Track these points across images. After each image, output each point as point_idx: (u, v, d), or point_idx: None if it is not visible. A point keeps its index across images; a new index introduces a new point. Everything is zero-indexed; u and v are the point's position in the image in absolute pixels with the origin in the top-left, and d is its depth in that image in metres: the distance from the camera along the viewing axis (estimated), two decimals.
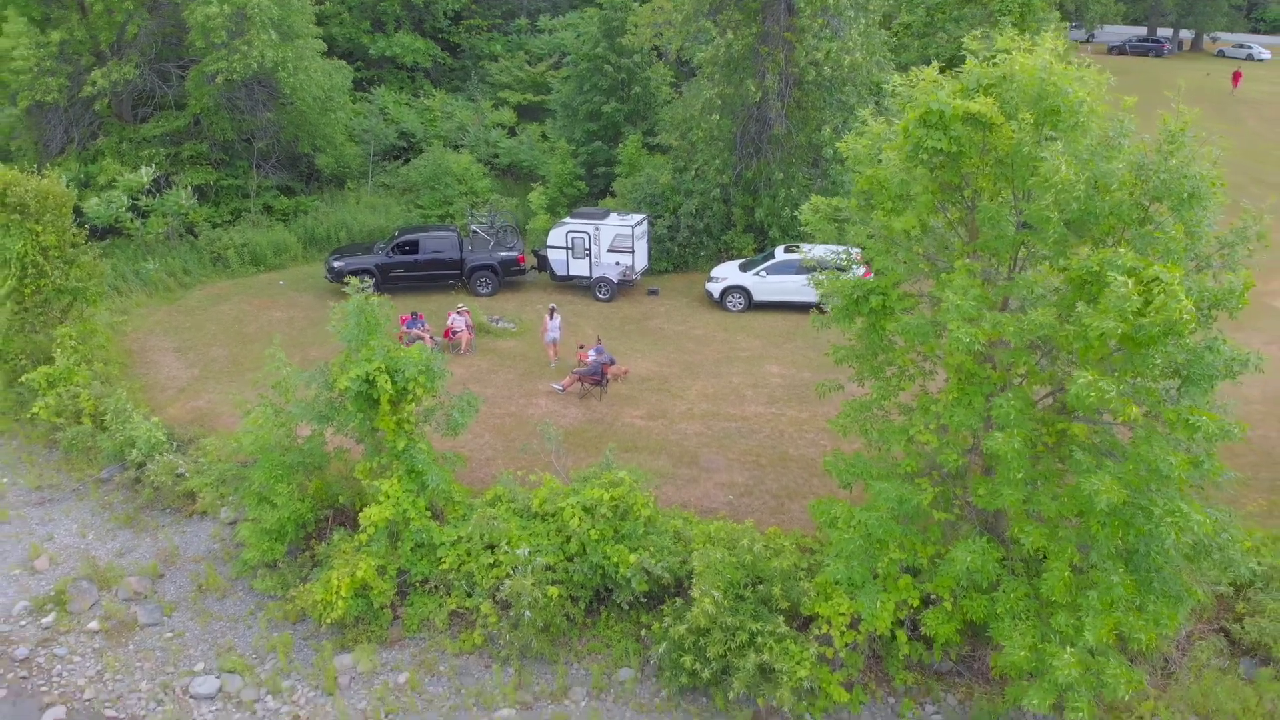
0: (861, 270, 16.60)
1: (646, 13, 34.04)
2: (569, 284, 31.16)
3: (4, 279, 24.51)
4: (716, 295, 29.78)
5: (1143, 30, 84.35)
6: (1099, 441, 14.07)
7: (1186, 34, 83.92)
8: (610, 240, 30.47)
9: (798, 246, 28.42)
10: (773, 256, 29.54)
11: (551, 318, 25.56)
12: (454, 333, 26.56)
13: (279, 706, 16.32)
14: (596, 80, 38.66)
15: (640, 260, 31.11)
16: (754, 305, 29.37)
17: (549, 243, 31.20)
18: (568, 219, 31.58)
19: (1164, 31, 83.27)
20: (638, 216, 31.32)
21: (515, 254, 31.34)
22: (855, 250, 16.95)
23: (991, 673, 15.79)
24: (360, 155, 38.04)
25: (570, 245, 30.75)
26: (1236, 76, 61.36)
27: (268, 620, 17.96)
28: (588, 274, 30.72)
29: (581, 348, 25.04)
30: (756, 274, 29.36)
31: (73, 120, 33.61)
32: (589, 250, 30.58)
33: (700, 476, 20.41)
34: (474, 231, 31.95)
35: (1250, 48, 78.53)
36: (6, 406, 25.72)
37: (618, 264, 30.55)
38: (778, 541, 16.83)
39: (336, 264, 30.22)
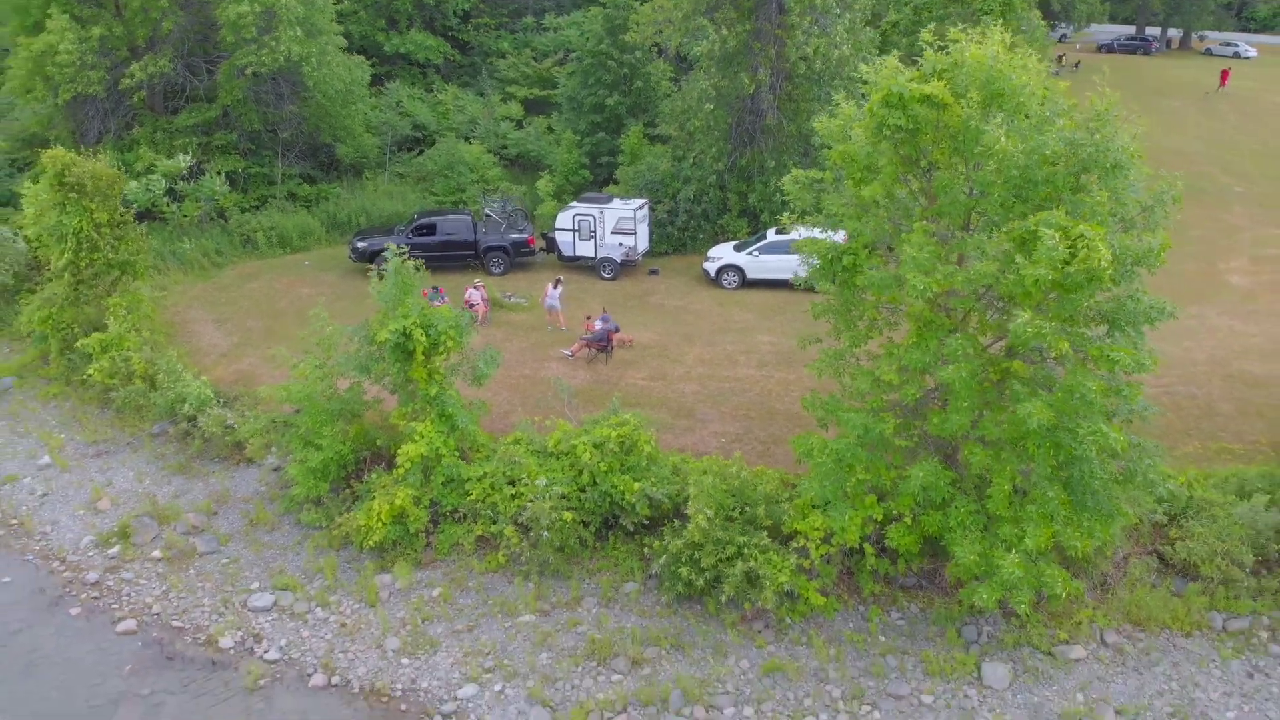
0: (840, 235, 19.02)
1: (647, 11, 36.49)
2: (575, 264, 33.62)
3: (61, 252, 26.97)
4: (713, 273, 32.25)
5: (1131, 29, 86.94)
6: (1037, 377, 16.52)
7: (1174, 33, 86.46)
8: (614, 223, 32.95)
9: (786, 229, 30.86)
10: (764, 237, 31.99)
11: (555, 287, 28.09)
12: (471, 306, 28.98)
13: (327, 616, 18.81)
14: (600, 75, 41.15)
15: (642, 242, 33.59)
16: (747, 283, 31.80)
17: (557, 225, 33.70)
18: (574, 204, 34.07)
19: (1152, 30, 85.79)
20: (639, 201, 33.82)
21: (525, 236, 33.84)
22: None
23: (948, 583, 18.27)
24: (378, 146, 40.55)
25: (577, 228, 33.24)
26: (1224, 75, 63.80)
27: (314, 547, 20.44)
28: (593, 254, 33.19)
29: (588, 318, 27.49)
30: (750, 254, 31.83)
31: (109, 111, 36.08)
32: (594, 232, 33.05)
33: (696, 427, 22.87)
34: (487, 215, 34.45)
35: (1236, 46, 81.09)
36: (59, 372, 28.23)
37: (621, 245, 33.02)
38: (763, 474, 19.33)
39: (360, 245, 32.73)
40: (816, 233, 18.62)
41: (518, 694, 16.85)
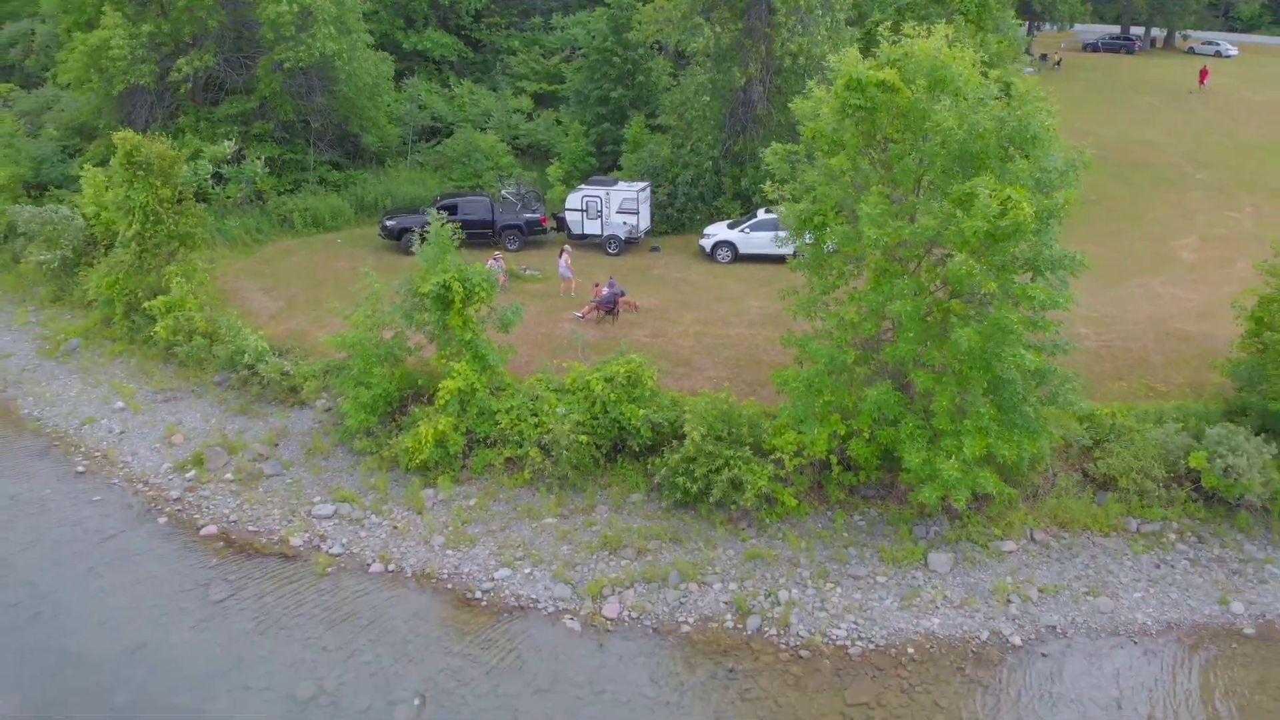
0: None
1: (649, 11, 40.27)
2: (584, 241, 37.36)
3: (129, 224, 30.70)
4: (708, 249, 36.02)
5: (1117, 29, 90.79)
6: (971, 314, 20.25)
7: (1158, 32, 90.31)
8: (619, 204, 36.73)
9: (774, 207, 34.64)
10: (755, 217, 35.75)
11: (560, 256, 32.03)
12: None
13: (381, 521, 22.55)
14: (605, 70, 44.95)
15: (644, 221, 37.37)
16: (739, 257, 35.56)
17: (567, 206, 37.49)
18: (583, 186, 37.86)
19: (1136, 30, 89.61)
20: (641, 184, 37.61)
21: (538, 216, 37.64)
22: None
23: (903, 492, 21.95)
24: (400, 136, 44.32)
25: (585, 208, 37.02)
26: (1203, 74, 67.57)
27: (366, 469, 24.17)
28: (600, 232, 36.96)
29: (596, 285, 31.24)
30: (741, 231, 35.60)
31: (155, 101, 39.83)
32: (601, 212, 36.83)
33: (691, 373, 26.58)
34: (504, 197, 38.23)
35: (1218, 45, 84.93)
36: (123, 332, 31.95)
37: (625, 224, 36.79)
38: (749, 405, 23.07)
39: (389, 223, 36.53)
40: None
41: (544, 575, 20.60)
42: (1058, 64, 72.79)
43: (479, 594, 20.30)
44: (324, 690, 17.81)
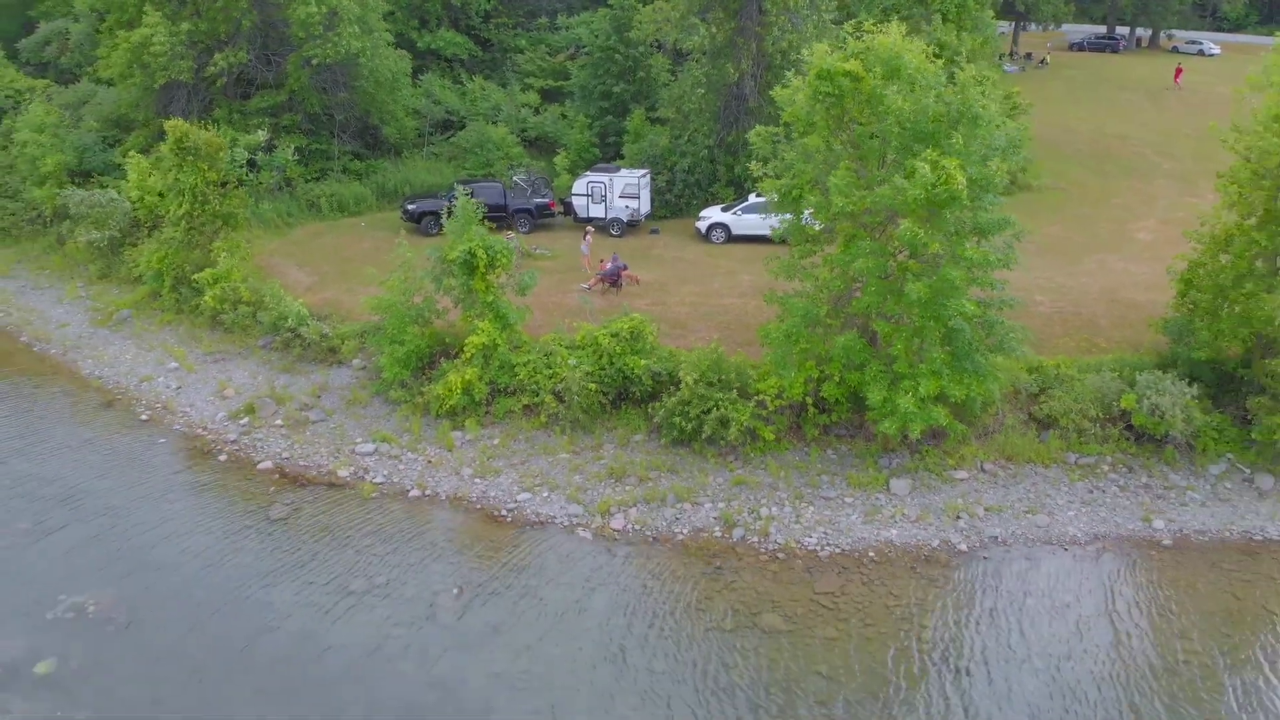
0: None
1: (649, 12, 43.85)
2: (589, 224, 40.91)
3: (179, 204, 34.24)
4: (704, 231, 39.61)
5: (1103, 29, 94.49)
6: (925, 273, 23.77)
7: (1144, 32, 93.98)
8: (621, 189, 40.32)
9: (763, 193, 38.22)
10: (747, 200, 39.32)
11: (585, 238, 35.57)
12: None
13: (416, 457, 26.11)
14: (608, 67, 48.57)
15: (644, 205, 40.96)
16: (732, 238, 39.13)
17: (573, 191, 41.09)
18: (588, 173, 41.45)
19: (1122, 29, 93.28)
20: (642, 171, 41.23)
21: (547, 201, 41.24)
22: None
23: (871, 433, 25.49)
24: (416, 128, 47.95)
25: (590, 193, 40.61)
26: (1178, 72, 71.15)
27: (401, 416, 27.73)
28: (604, 215, 40.53)
29: (601, 260, 34.81)
30: (734, 213, 39.19)
31: (191, 95, 43.42)
32: (605, 197, 40.41)
33: (687, 334, 30.09)
34: (515, 183, 41.83)
35: (1201, 44, 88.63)
36: (170, 303, 35.52)
37: (627, 207, 40.37)
38: (736, 357, 26.64)
39: (410, 206, 40.15)
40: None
41: (559, 497, 24.17)
42: (1042, 63, 76.38)
43: (504, 512, 23.88)
44: (375, 584, 21.35)
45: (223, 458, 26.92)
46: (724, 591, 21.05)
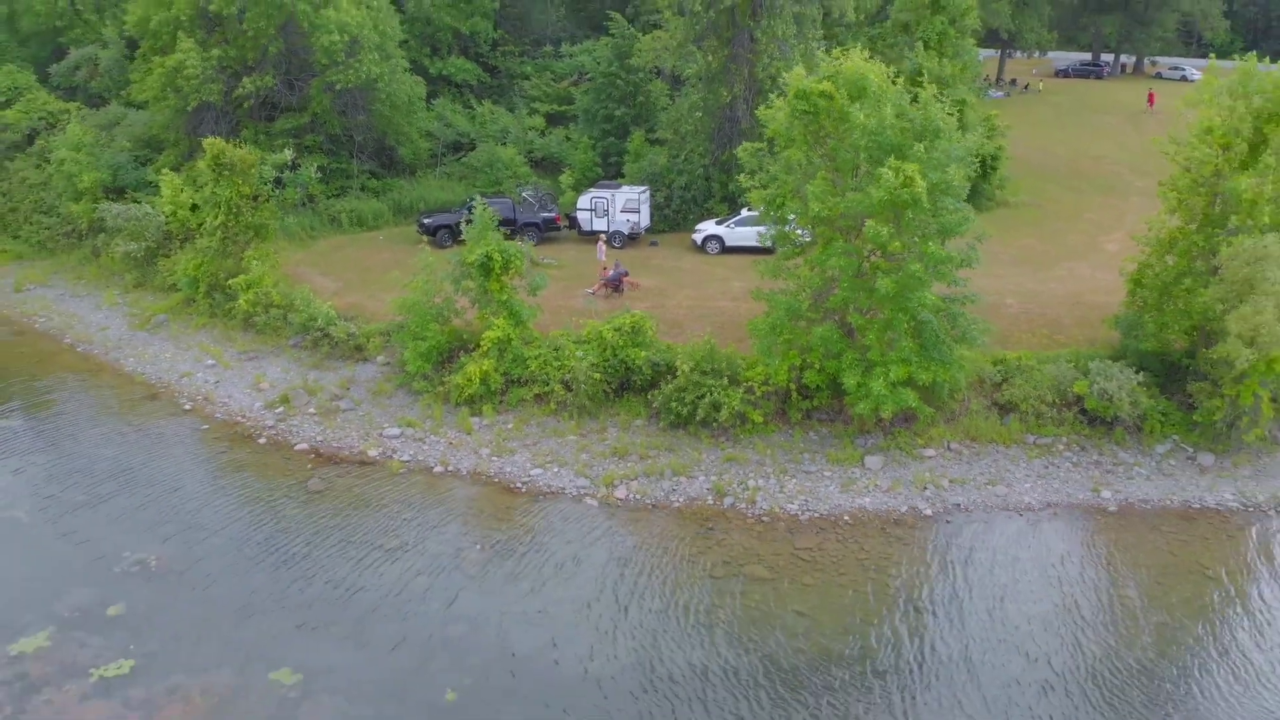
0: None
1: (648, 41, 47.40)
2: (593, 236, 44.14)
3: (215, 216, 37.47)
4: (699, 242, 42.84)
5: (1088, 55, 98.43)
6: (893, 269, 26.89)
7: (1128, 58, 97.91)
8: (622, 204, 43.61)
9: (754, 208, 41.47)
10: (739, 214, 42.57)
11: (599, 245, 38.83)
12: None
13: (438, 439, 29.12)
14: (610, 92, 52.07)
15: (644, 219, 44.23)
16: (726, 249, 42.32)
17: (578, 206, 44.39)
18: (591, 189, 44.77)
19: (1107, 56, 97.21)
20: (642, 187, 44.55)
21: (553, 215, 44.54)
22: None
23: (849, 416, 28.50)
24: (430, 149, 51.37)
25: (593, 208, 43.89)
26: (1151, 97, 74.77)
27: (424, 404, 30.77)
28: (606, 229, 43.77)
29: (604, 268, 37.99)
30: (728, 226, 42.43)
31: (219, 117, 46.83)
32: (607, 211, 43.68)
33: (684, 333, 33.15)
34: (524, 199, 45.13)
35: (1184, 70, 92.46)
36: (204, 308, 38.66)
37: (628, 221, 43.64)
38: (728, 349, 29.74)
39: (426, 220, 43.43)
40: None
41: (568, 472, 27.16)
42: (1025, 88, 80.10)
43: (519, 484, 26.87)
44: (406, 543, 24.29)
45: (262, 441, 29.95)
46: (714, 547, 24.01)
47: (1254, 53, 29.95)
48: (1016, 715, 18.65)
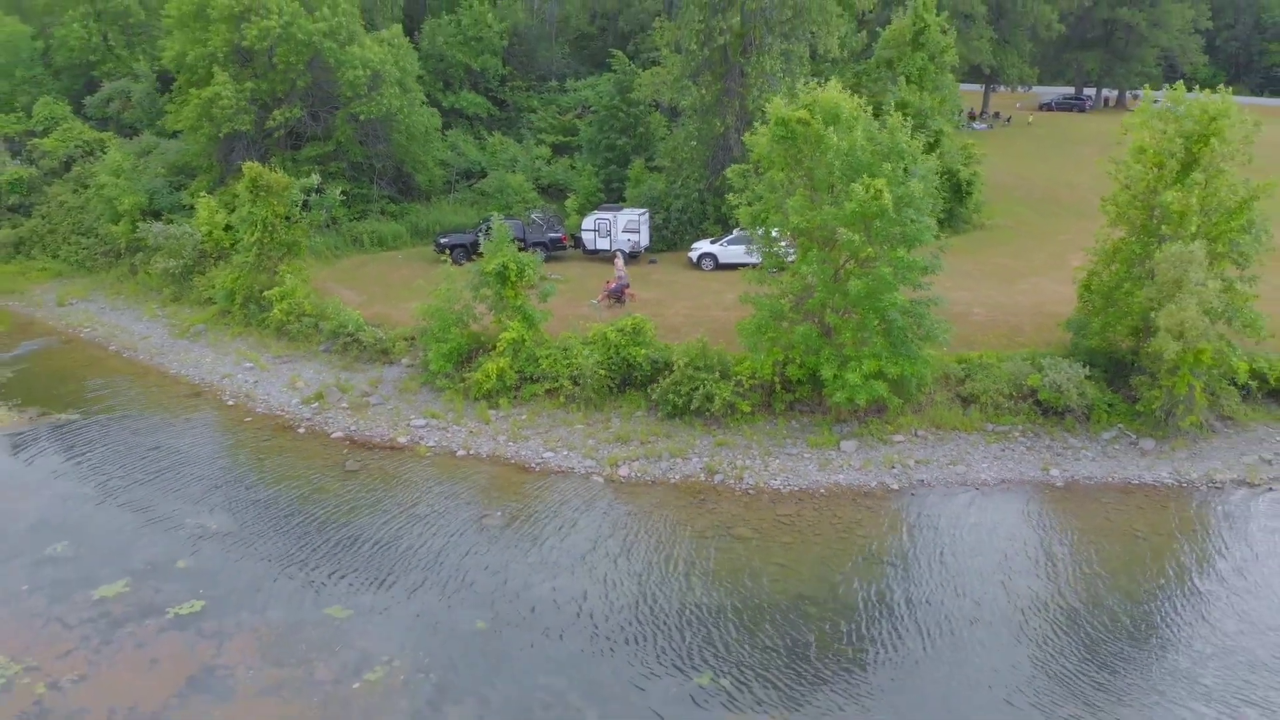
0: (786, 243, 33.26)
1: (648, 76, 51.76)
2: (596, 255, 48.18)
3: (251, 233, 41.45)
4: (695, 259, 46.83)
5: (1072, 89, 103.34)
6: (864, 274, 30.75)
7: (1110, 92, 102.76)
8: (623, 225, 47.66)
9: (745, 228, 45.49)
10: (731, 234, 46.59)
11: (616, 260, 42.76)
12: None
13: (460, 428, 32.83)
14: (612, 123, 56.39)
15: (644, 239, 48.25)
16: (719, 266, 46.30)
17: (583, 228, 48.46)
18: (595, 211, 48.85)
19: (1090, 90, 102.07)
20: (642, 210, 48.64)
21: (560, 235, 48.60)
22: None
23: (827, 407, 32.21)
24: (444, 176, 55.58)
25: (597, 228, 47.94)
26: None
27: (446, 399, 34.51)
28: (609, 247, 47.77)
29: (607, 282, 41.91)
30: (721, 245, 46.46)
31: (249, 145, 51.03)
32: (610, 232, 47.72)
33: (680, 337, 36.89)
34: (532, 220, 49.21)
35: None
36: (240, 318, 42.51)
37: (629, 240, 47.65)
38: (719, 348, 33.57)
39: (443, 240, 47.50)
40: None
41: (576, 455, 30.85)
42: (1009, 120, 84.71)
43: (533, 465, 30.55)
44: (433, 511, 27.92)
45: (301, 430, 33.66)
46: (706, 514, 27.65)
47: (1180, 81, 33.85)
48: (943, 641, 22.20)
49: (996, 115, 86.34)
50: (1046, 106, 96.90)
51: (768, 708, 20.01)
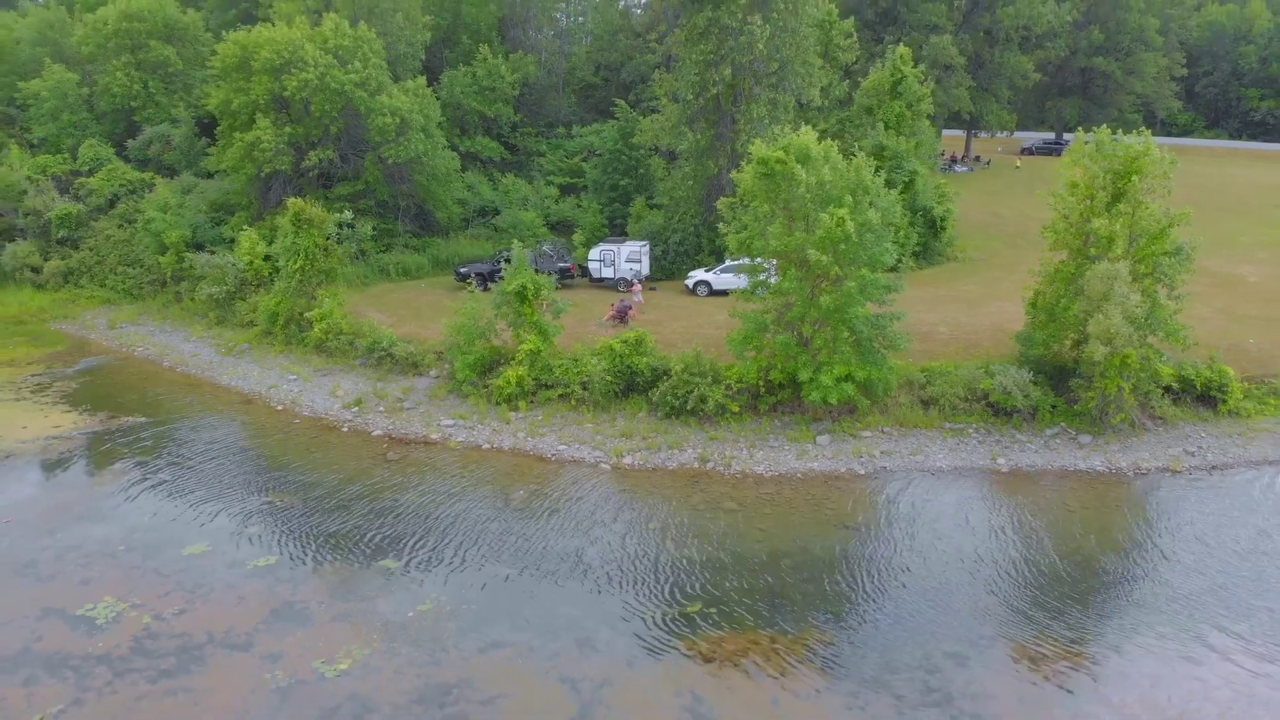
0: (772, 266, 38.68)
1: (648, 123, 57.63)
2: (602, 283, 53.62)
3: (294, 262, 46.90)
4: (691, 286, 52.30)
5: (1052, 134, 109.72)
6: (834, 290, 36.05)
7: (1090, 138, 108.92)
8: (627, 255, 53.20)
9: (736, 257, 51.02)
10: (724, 263, 52.07)
11: (634, 287, 48.16)
12: None
13: (484, 427, 37.96)
14: (615, 166, 62.26)
15: (645, 268, 53.77)
16: (713, 292, 51.74)
17: (589, 258, 54.02)
18: (601, 244, 54.45)
19: (1069, 135, 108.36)
20: (643, 242, 54.24)
21: (568, 265, 54.14)
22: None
23: (803, 403, 37.33)
24: (462, 213, 61.31)
25: (602, 259, 53.48)
26: None
27: (471, 404, 39.69)
28: (613, 276, 53.25)
29: (612, 305, 47.29)
30: (715, 273, 51.95)
31: (285, 184, 56.74)
32: (614, 262, 53.23)
33: (678, 351, 42.17)
34: (543, 252, 54.78)
35: None
36: (281, 338, 47.81)
37: (631, 270, 53.14)
38: (712, 359, 38.83)
39: (462, 270, 53.01)
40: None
41: (586, 448, 35.95)
42: (988, 163, 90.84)
43: (550, 456, 35.67)
44: (465, 490, 32.97)
45: (344, 429, 38.81)
46: (699, 493, 32.70)
47: (1105, 126, 39.37)
48: (893, 586, 27.17)
49: (978, 159, 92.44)
50: (1027, 150, 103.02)
51: (746, 627, 24.96)
